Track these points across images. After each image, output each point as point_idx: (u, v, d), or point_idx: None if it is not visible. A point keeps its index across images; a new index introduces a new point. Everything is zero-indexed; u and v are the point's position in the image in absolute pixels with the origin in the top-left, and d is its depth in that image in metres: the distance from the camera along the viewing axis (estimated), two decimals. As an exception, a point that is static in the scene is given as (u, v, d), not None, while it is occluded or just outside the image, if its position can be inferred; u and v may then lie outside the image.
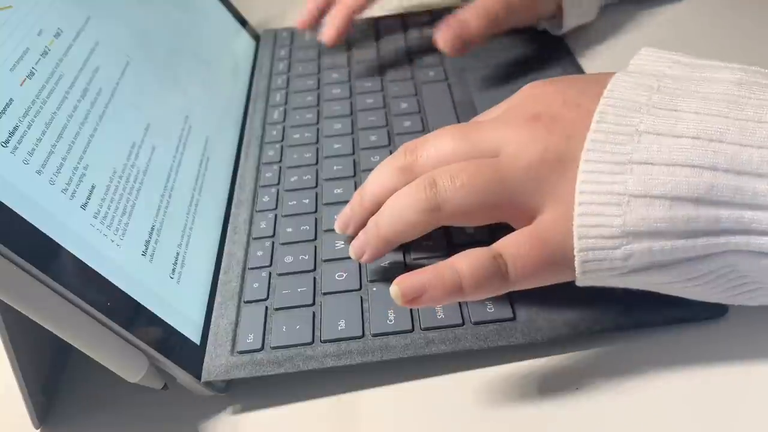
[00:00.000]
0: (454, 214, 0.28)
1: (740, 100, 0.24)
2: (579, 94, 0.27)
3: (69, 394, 0.32)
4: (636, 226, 0.24)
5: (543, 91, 0.29)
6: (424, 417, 0.28)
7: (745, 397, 0.27)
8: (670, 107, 0.25)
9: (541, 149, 0.27)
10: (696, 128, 0.24)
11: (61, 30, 0.33)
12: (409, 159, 0.30)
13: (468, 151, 0.29)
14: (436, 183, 0.28)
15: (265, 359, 0.30)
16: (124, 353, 0.28)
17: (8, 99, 0.28)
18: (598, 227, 0.25)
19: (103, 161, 0.31)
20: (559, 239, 0.26)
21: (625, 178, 0.24)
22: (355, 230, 0.32)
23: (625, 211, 0.24)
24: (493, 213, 0.28)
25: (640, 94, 0.26)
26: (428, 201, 0.28)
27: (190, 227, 0.35)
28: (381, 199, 0.31)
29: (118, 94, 0.35)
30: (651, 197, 0.24)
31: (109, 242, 0.29)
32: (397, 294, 0.27)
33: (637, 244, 0.24)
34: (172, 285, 0.31)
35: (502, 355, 0.30)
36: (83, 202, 0.29)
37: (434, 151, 0.30)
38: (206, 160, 0.39)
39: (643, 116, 0.25)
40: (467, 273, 0.26)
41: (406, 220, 0.29)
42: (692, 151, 0.24)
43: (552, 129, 0.27)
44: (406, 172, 0.30)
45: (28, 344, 0.29)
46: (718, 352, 0.28)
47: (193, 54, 0.45)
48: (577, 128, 0.26)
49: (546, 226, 0.26)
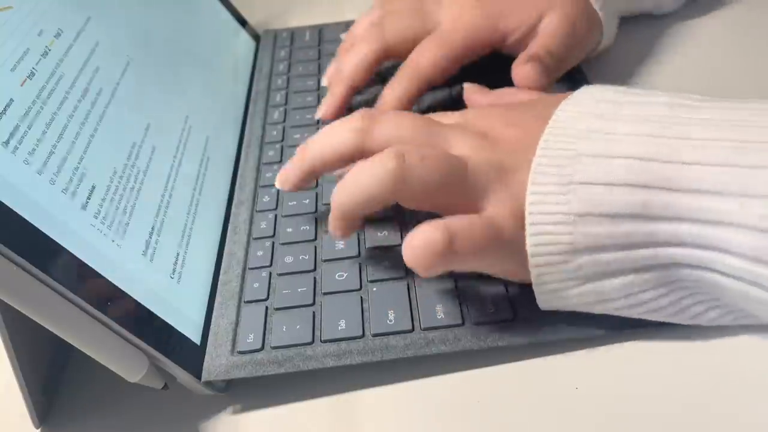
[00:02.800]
0: (416, 191, 0.28)
1: (670, 120, 0.26)
2: (522, 116, 0.30)
3: (69, 394, 0.32)
4: (584, 244, 0.26)
5: (491, 113, 0.32)
6: (424, 417, 0.28)
7: (746, 397, 0.27)
8: (606, 131, 0.27)
9: (486, 158, 0.28)
10: (629, 149, 0.26)
11: (61, 30, 0.33)
12: (365, 123, 0.30)
13: (425, 140, 0.29)
14: (406, 158, 0.28)
15: (265, 359, 0.30)
16: (124, 353, 0.28)
17: (8, 99, 0.28)
18: (549, 245, 0.26)
19: (104, 161, 0.31)
20: (505, 224, 0.27)
21: (569, 198, 0.26)
22: (293, 186, 0.33)
23: (572, 230, 0.26)
24: (446, 200, 0.29)
25: (581, 122, 0.27)
26: (395, 172, 0.28)
27: (190, 227, 0.35)
28: (327, 153, 0.31)
29: (118, 95, 0.35)
30: (593, 215, 0.26)
31: (110, 242, 0.29)
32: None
33: (585, 256, 0.26)
34: (172, 285, 0.31)
35: (502, 355, 0.30)
36: (83, 202, 0.29)
37: (394, 125, 0.30)
38: (206, 160, 0.39)
39: (582, 141, 0.27)
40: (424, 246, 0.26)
41: (367, 190, 0.29)
42: (626, 170, 0.25)
43: (497, 145, 0.29)
44: (361, 134, 0.30)
45: (28, 344, 0.29)
46: (718, 352, 0.28)
47: (194, 54, 0.45)
48: (518, 145, 0.28)
49: (491, 215, 0.28)
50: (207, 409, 0.30)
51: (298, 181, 0.33)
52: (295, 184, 0.33)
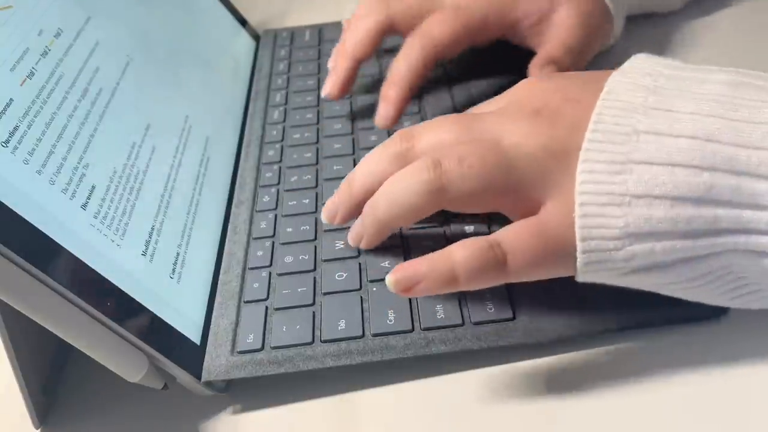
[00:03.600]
0: (459, 198, 0.27)
1: (734, 101, 0.24)
2: (579, 91, 0.27)
3: (69, 394, 0.32)
4: (638, 228, 0.24)
5: (543, 87, 0.29)
6: (424, 417, 0.28)
7: (746, 397, 0.27)
8: (666, 108, 0.25)
9: (544, 141, 0.26)
10: (693, 128, 0.24)
11: (61, 30, 0.33)
12: (405, 145, 0.29)
13: (469, 140, 0.28)
14: (442, 163, 0.27)
15: (265, 359, 0.30)
16: (124, 353, 0.28)
17: (8, 99, 0.28)
18: (600, 228, 0.24)
19: (104, 161, 0.31)
20: (561, 233, 0.25)
21: (625, 178, 0.24)
22: (342, 220, 0.32)
23: (627, 212, 0.24)
24: (496, 200, 0.28)
25: (637, 95, 0.25)
26: (432, 182, 0.27)
27: (190, 227, 0.35)
28: (372, 188, 0.30)
29: (118, 94, 0.35)
30: (652, 197, 0.24)
31: (109, 242, 0.29)
32: (392, 284, 0.27)
33: (639, 245, 0.24)
34: (172, 285, 0.31)
35: (502, 355, 0.30)
36: (83, 202, 0.29)
37: (434, 138, 0.29)
38: (206, 160, 0.39)
39: (640, 116, 0.25)
40: (463, 263, 0.26)
41: (406, 202, 0.28)
42: (691, 151, 0.24)
43: (554, 123, 0.27)
44: (401, 159, 0.29)
45: (28, 344, 0.29)
46: (718, 352, 0.28)
47: (194, 54, 0.45)
48: (580, 122, 0.26)
49: (547, 218, 0.26)
50: (207, 409, 0.30)
51: (347, 215, 0.31)
52: (345, 219, 0.32)
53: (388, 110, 0.38)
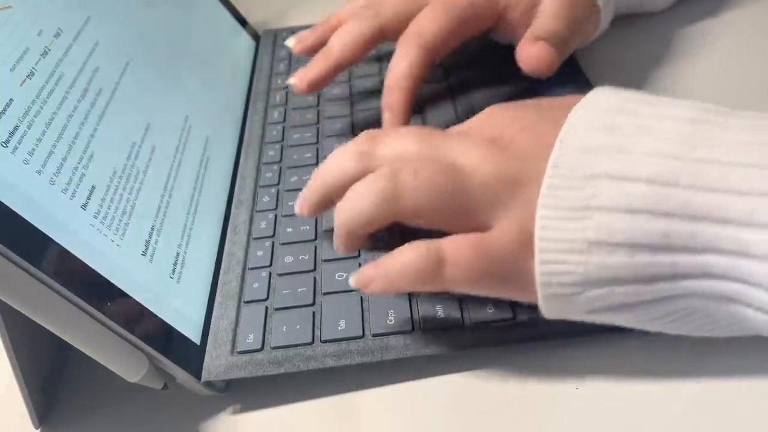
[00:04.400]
0: (410, 209, 0.28)
1: (692, 139, 0.24)
2: (536, 120, 0.28)
3: (69, 394, 0.32)
4: (597, 274, 0.24)
5: (501, 115, 0.30)
6: (424, 417, 0.28)
7: (745, 396, 0.27)
8: (625, 149, 0.25)
9: (496, 168, 0.27)
10: (650, 172, 0.24)
11: (61, 30, 0.33)
12: (369, 145, 0.30)
13: (429, 154, 0.29)
14: (397, 175, 0.28)
15: (265, 359, 0.30)
16: (124, 353, 0.28)
17: (8, 99, 0.28)
18: (561, 275, 0.25)
19: (104, 161, 0.31)
20: (501, 256, 0.26)
21: (584, 225, 0.24)
22: (309, 212, 0.32)
23: (586, 260, 0.24)
24: (445, 218, 0.28)
25: (596, 136, 0.25)
26: (386, 191, 0.27)
27: (190, 227, 0.35)
28: (331, 180, 0.30)
29: (118, 94, 0.35)
30: (611, 245, 0.24)
31: (109, 242, 0.29)
32: (353, 283, 0.28)
33: (599, 289, 0.25)
34: (172, 285, 0.31)
35: (501, 356, 0.30)
36: (83, 202, 0.29)
37: (397, 144, 0.29)
38: (206, 160, 0.39)
39: (599, 158, 0.25)
40: (405, 268, 0.27)
41: (363, 210, 0.28)
42: (648, 197, 0.24)
43: (507, 151, 0.27)
44: (364, 157, 0.29)
45: (28, 344, 0.29)
46: (718, 352, 0.28)
47: (193, 54, 0.45)
48: (530, 152, 0.27)
49: (494, 239, 0.26)
50: (207, 409, 0.30)
51: (314, 207, 0.31)
52: (312, 211, 0.32)
53: (394, 119, 0.37)
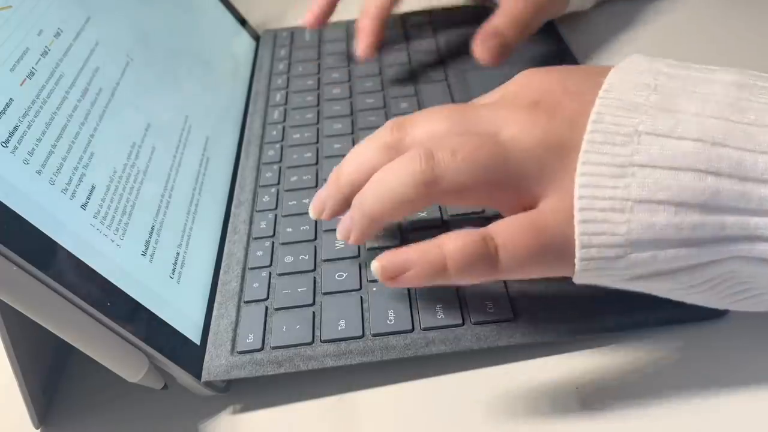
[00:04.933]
0: (452, 190, 0.26)
1: (740, 102, 0.23)
2: (579, 83, 0.26)
3: (69, 394, 0.32)
4: (641, 235, 0.23)
5: (542, 78, 0.28)
6: (424, 417, 0.28)
7: (745, 396, 0.27)
8: (669, 108, 0.24)
9: (542, 134, 0.25)
10: (698, 131, 0.23)
11: (61, 30, 0.33)
12: (396, 135, 0.28)
13: (464, 131, 0.27)
14: (434, 155, 0.26)
15: (265, 359, 0.30)
16: (124, 353, 0.28)
17: (8, 99, 0.28)
18: (601, 235, 0.23)
19: (104, 161, 0.31)
20: (557, 231, 0.24)
21: (627, 182, 0.23)
22: (331, 214, 0.30)
23: (629, 218, 0.23)
24: (490, 194, 0.27)
25: (638, 94, 0.24)
26: (424, 173, 0.25)
27: (190, 227, 0.35)
28: (360, 181, 0.28)
29: (118, 94, 0.35)
30: (655, 203, 0.23)
31: (109, 242, 0.29)
32: (378, 270, 0.25)
33: (641, 253, 0.23)
34: (172, 285, 0.31)
35: (502, 355, 0.30)
36: (83, 202, 0.29)
37: (428, 127, 0.27)
38: (206, 160, 0.39)
39: (642, 116, 0.24)
40: (454, 254, 0.25)
41: (396, 195, 0.26)
42: (696, 154, 0.23)
43: (554, 115, 0.26)
44: (392, 151, 0.27)
45: (28, 344, 0.29)
46: (718, 352, 0.28)
47: (193, 54, 0.45)
48: (579, 116, 0.25)
49: (544, 215, 0.25)
50: (207, 409, 0.30)
51: (335, 210, 0.30)
52: (333, 214, 0.30)
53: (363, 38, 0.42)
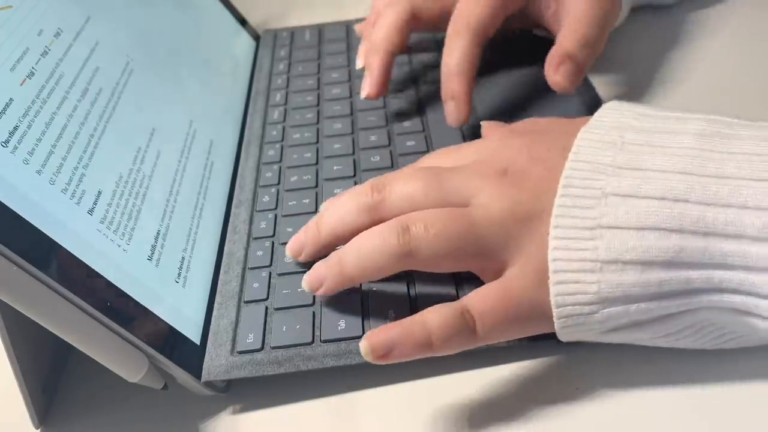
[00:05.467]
0: (425, 262, 0.28)
1: (703, 154, 0.25)
2: (546, 150, 0.28)
3: (69, 394, 0.32)
4: (610, 293, 0.25)
5: (511, 144, 0.29)
6: (424, 417, 0.28)
7: (744, 396, 0.27)
8: (634, 166, 0.25)
9: (511, 204, 0.27)
10: (662, 188, 0.24)
11: (61, 30, 0.33)
12: (375, 198, 0.30)
13: (438, 199, 0.29)
14: (410, 229, 0.27)
15: (265, 359, 0.30)
16: (124, 353, 0.28)
17: (8, 99, 0.28)
18: (575, 295, 0.25)
19: (108, 165, 0.31)
20: (524, 296, 0.26)
21: (596, 244, 0.25)
22: (307, 258, 0.32)
23: (599, 278, 0.25)
24: (463, 263, 0.28)
25: (605, 155, 0.26)
26: (401, 247, 0.27)
27: (195, 231, 0.35)
28: (339, 234, 0.30)
29: (119, 96, 0.35)
30: (623, 263, 0.24)
31: (116, 247, 0.29)
32: (367, 350, 0.26)
33: (613, 308, 0.25)
34: (177, 289, 0.31)
35: (502, 355, 0.30)
36: (90, 207, 0.29)
37: (404, 192, 0.29)
38: (210, 164, 0.39)
39: (608, 178, 0.25)
40: (436, 330, 0.26)
41: (374, 262, 0.28)
42: (659, 213, 0.24)
43: (520, 185, 0.27)
44: (371, 212, 0.30)
45: (28, 344, 0.29)
46: (717, 352, 0.28)
47: (194, 54, 0.45)
48: (544, 185, 0.26)
49: (513, 282, 0.27)
50: (207, 409, 0.30)
51: (314, 253, 0.32)
52: (310, 258, 0.32)
53: (459, 106, 0.38)
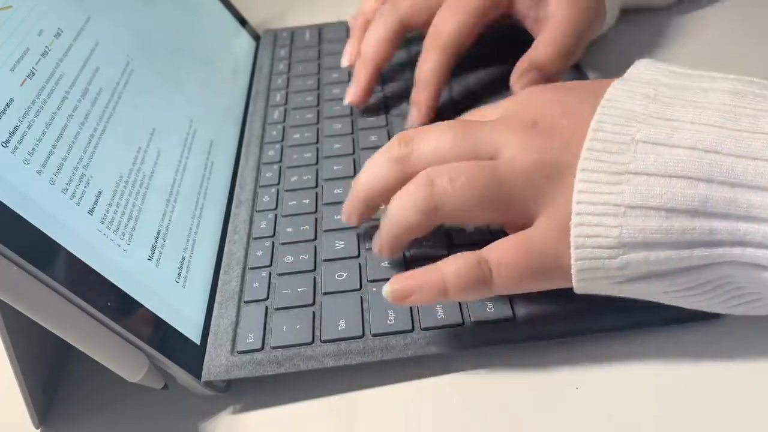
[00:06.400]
0: (452, 215, 0.28)
1: (736, 110, 0.24)
2: (577, 103, 0.28)
3: (69, 394, 0.32)
4: (632, 237, 0.24)
5: (541, 98, 0.29)
6: (424, 417, 0.28)
7: (744, 396, 0.27)
8: (666, 117, 0.25)
9: (538, 156, 0.27)
10: (692, 138, 0.24)
11: (61, 30, 0.33)
12: (403, 150, 0.30)
13: (466, 150, 0.29)
14: (434, 183, 0.28)
15: (265, 359, 0.30)
16: (124, 353, 0.28)
17: (8, 99, 0.28)
18: (595, 237, 0.25)
19: (108, 165, 0.31)
20: (550, 248, 0.26)
21: (622, 189, 0.25)
22: (357, 220, 0.33)
23: (622, 222, 0.24)
24: (490, 215, 0.29)
25: (637, 103, 0.26)
26: (426, 201, 0.28)
27: (195, 231, 0.35)
28: (374, 189, 0.31)
29: (121, 98, 0.35)
30: (647, 208, 0.24)
31: (116, 247, 0.29)
32: (387, 293, 0.28)
33: (633, 254, 0.25)
34: (178, 289, 0.31)
35: (502, 355, 0.30)
36: (90, 207, 0.29)
37: (432, 144, 0.30)
38: (210, 164, 0.39)
39: (639, 125, 0.25)
40: (452, 277, 0.27)
41: (404, 221, 0.29)
42: (688, 162, 0.24)
43: (549, 137, 0.27)
44: (400, 163, 0.30)
45: (28, 344, 0.29)
46: (717, 352, 0.28)
47: (194, 54, 0.45)
48: (574, 137, 0.26)
49: (537, 234, 0.27)
50: (207, 409, 0.30)
51: (359, 215, 0.33)
52: (358, 219, 0.33)
53: (420, 111, 0.40)
